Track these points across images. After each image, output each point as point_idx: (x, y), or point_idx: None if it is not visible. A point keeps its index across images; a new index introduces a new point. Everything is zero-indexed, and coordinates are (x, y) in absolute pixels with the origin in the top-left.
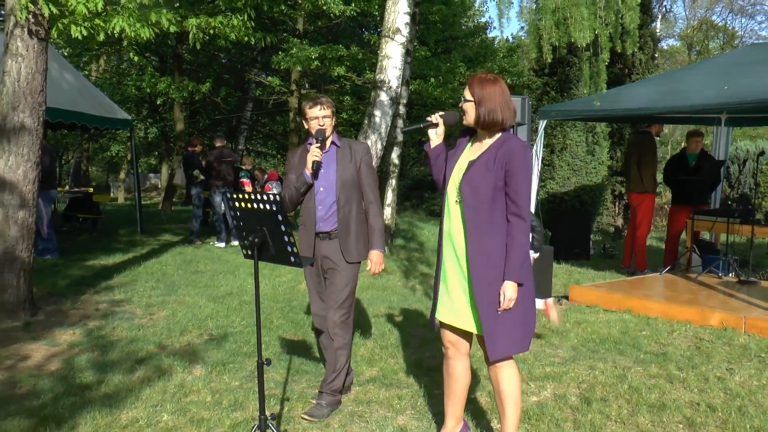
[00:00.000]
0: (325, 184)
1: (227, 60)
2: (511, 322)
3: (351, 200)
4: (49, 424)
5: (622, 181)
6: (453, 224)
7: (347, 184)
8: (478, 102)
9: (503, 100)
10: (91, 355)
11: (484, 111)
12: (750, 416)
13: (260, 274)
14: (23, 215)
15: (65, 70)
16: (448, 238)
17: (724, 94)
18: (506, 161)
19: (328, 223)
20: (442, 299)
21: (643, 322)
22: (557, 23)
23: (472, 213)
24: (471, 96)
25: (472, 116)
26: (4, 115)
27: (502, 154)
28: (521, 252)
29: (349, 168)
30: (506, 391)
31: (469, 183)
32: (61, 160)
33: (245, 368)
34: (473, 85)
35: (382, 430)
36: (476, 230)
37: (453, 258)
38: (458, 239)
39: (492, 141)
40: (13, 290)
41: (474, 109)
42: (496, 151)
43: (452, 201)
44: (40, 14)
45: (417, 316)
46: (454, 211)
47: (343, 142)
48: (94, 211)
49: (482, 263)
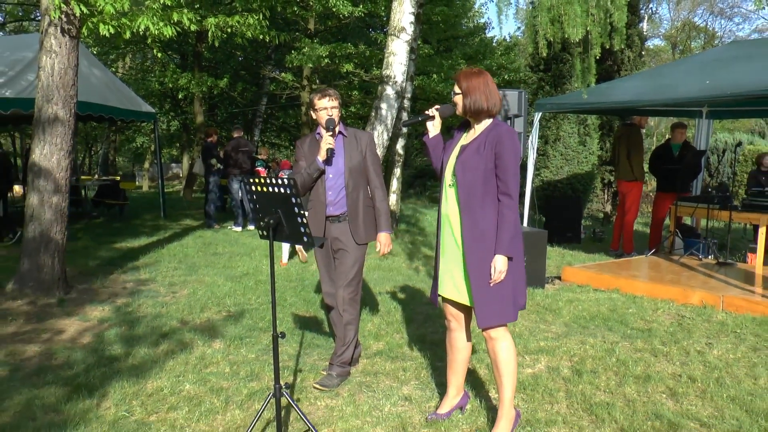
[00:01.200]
0: (334, 171)
1: (243, 57)
2: (500, 293)
3: (359, 186)
4: (81, 392)
5: (611, 170)
6: (449, 206)
7: (355, 171)
8: (464, 93)
9: (487, 90)
10: (119, 330)
11: (470, 101)
12: (727, 386)
13: (274, 255)
14: (57, 200)
15: (94, 67)
16: (445, 219)
17: (705, 88)
18: (495, 144)
19: (337, 207)
20: (443, 276)
21: (630, 301)
22: (552, 20)
23: (465, 193)
24: (459, 89)
25: (461, 107)
26: (40, 107)
27: (491, 138)
28: (510, 228)
29: (356, 156)
30: (502, 362)
31: (462, 166)
32: (91, 150)
33: (261, 342)
34: (460, 79)
35: (388, 399)
36: (469, 209)
37: (450, 237)
38: (454, 219)
39: (482, 128)
40: (49, 270)
41: (461, 100)
42: (486, 136)
43: (447, 185)
44: (71, 14)
45: (420, 294)
46: (449, 194)
47: (349, 131)
48: (121, 197)
49: (475, 239)
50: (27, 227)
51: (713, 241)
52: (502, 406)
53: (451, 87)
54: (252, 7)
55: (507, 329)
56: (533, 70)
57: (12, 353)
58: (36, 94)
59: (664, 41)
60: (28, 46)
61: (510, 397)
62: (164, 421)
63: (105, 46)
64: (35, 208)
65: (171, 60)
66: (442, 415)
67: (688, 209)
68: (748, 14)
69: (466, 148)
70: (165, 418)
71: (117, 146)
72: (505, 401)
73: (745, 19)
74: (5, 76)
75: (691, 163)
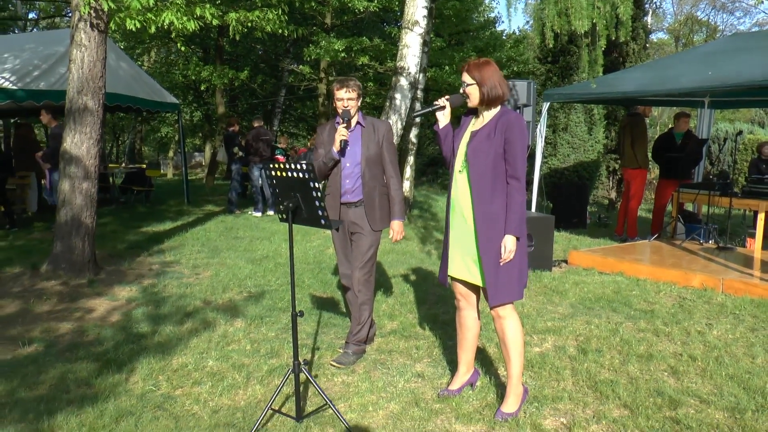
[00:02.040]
0: (351, 161)
1: (263, 50)
2: (509, 273)
3: (375, 175)
4: (111, 367)
5: (616, 158)
6: (459, 191)
7: (371, 161)
8: (480, 83)
9: (499, 77)
10: (146, 309)
11: (487, 89)
12: (726, 365)
13: (293, 238)
14: (87, 186)
15: (121, 60)
16: (455, 203)
17: (708, 78)
18: (506, 130)
19: (353, 195)
20: (453, 258)
21: (634, 283)
22: (559, 12)
23: (476, 177)
24: (472, 79)
25: (476, 97)
26: (71, 98)
27: (501, 125)
28: (519, 209)
29: (372, 146)
30: (510, 340)
31: (473, 151)
32: (118, 140)
33: (280, 321)
34: (471, 70)
35: (402, 375)
36: (480, 192)
37: (461, 220)
38: (464, 203)
39: (492, 114)
40: (80, 252)
41: (477, 90)
42: (496, 123)
43: (457, 170)
44: (100, 9)
45: (432, 276)
46: (459, 179)
47: (368, 121)
48: (147, 184)
49: (485, 222)
50: (59, 212)
51: (714, 227)
52: (511, 382)
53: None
54: (271, 3)
55: (514, 308)
56: (542, 62)
57: (47, 330)
58: (67, 85)
59: (667, 35)
60: (60, 41)
61: (518, 374)
62: (189, 395)
63: (131, 41)
64: (67, 193)
65: (194, 53)
66: (453, 391)
67: (689, 196)
68: (749, 8)
69: (477, 135)
70: (189, 392)
71: (143, 136)
72: (513, 377)
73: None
74: (39, 69)
75: (693, 152)
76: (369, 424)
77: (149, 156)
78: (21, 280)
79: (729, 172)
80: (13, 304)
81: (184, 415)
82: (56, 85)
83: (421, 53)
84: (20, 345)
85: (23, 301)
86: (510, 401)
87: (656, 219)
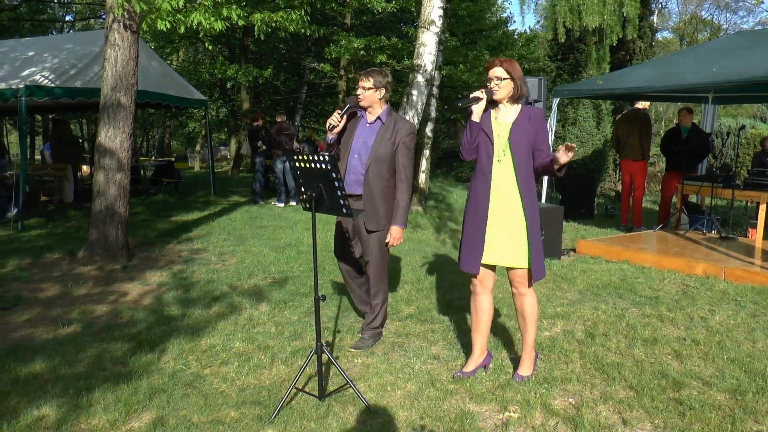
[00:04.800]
0: (359, 153)
1: (286, 49)
2: (540, 253)
3: (379, 174)
4: (144, 347)
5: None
6: (501, 180)
7: (379, 158)
8: (514, 78)
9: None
10: (176, 293)
11: (520, 84)
12: (727, 349)
13: (316, 226)
14: (120, 177)
15: (152, 59)
16: (496, 192)
17: (712, 74)
18: (538, 122)
19: (351, 187)
20: (491, 245)
21: (639, 271)
22: (571, 9)
23: (521, 165)
24: (506, 74)
25: (508, 90)
26: (105, 94)
27: (533, 118)
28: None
29: (385, 144)
30: (529, 314)
31: (515, 142)
32: (148, 135)
33: (303, 306)
34: (505, 65)
35: (419, 357)
36: (524, 179)
37: (503, 208)
38: (508, 190)
39: (516, 109)
40: (114, 239)
41: (510, 84)
42: (527, 116)
43: (495, 160)
44: (132, 11)
45: (447, 264)
46: (498, 169)
47: (390, 119)
48: (175, 176)
49: (531, 207)
50: (94, 201)
51: (716, 217)
52: (526, 348)
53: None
54: (294, 4)
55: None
56: (552, 60)
57: (84, 312)
58: (102, 83)
59: (672, 33)
60: (94, 41)
61: (532, 342)
62: (217, 374)
63: (161, 41)
64: (101, 184)
65: (220, 52)
66: (467, 373)
67: (694, 188)
68: (753, 8)
69: (515, 127)
70: (218, 372)
71: (171, 131)
72: (528, 344)
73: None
74: (75, 68)
75: (698, 145)
76: (387, 403)
77: (177, 150)
78: (60, 265)
79: (731, 165)
80: (54, 288)
81: (213, 392)
82: (91, 83)
83: (436, 51)
84: (60, 325)
85: (62, 285)
86: (525, 365)
87: (662, 210)
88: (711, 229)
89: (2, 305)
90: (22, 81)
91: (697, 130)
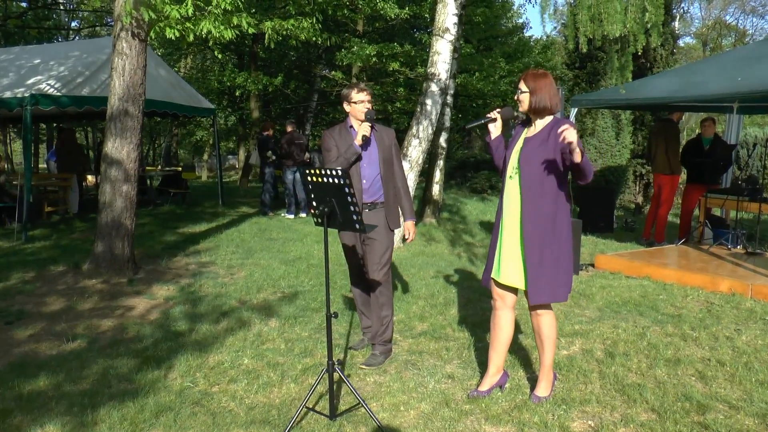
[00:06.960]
0: (368, 160)
1: (296, 57)
2: (552, 275)
3: (390, 176)
4: (150, 363)
5: (643, 163)
6: (510, 196)
7: (387, 162)
8: (531, 92)
9: (551, 90)
10: (184, 308)
11: (536, 99)
12: (755, 371)
13: (328, 241)
14: (127, 188)
15: (160, 67)
16: (507, 208)
17: (737, 84)
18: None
19: (371, 194)
20: (503, 262)
21: (661, 288)
22: (592, 18)
23: (527, 182)
24: (526, 87)
25: (526, 104)
26: (112, 104)
27: (555, 132)
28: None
29: (386, 148)
30: (546, 334)
31: (526, 157)
32: (154, 143)
33: (313, 321)
34: (527, 79)
35: (433, 376)
36: (530, 195)
37: (510, 224)
38: (514, 207)
39: (543, 123)
40: (120, 252)
41: (528, 98)
42: (550, 130)
43: (508, 176)
44: (141, 19)
45: (462, 279)
46: (510, 185)
47: (378, 126)
48: (183, 186)
49: (533, 224)
50: (101, 213)
51: (742, 232)
52: (543, 369)
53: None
54: (305, 11)
55: (551, 308)
56: (569, 68)
57: (89, 327)
58: (109, 92)
59: (695, 39)
60: (101, 49)
61: (550, 362)
62: (225, 392)
63: (169, 48)
64: (108, 196)
65: (229, 60)
66: (483, 392)
67: (718, 201)
68: None
69: (530, 141)
70: (226, 389)
71: (179, 139)
72: (546, 365)
73: None
74: (82, 77)
75: (721, 157)
76: (400, 423)
77: (185, 159)
78: (65, 279)
79: (758, 177)
80: (58, 302)
81: (221, 411)
82: (98, 92)
83: (451, 60)
84: (65, 341)
85: (67, 299)
86: (542, 385)
87: (683, 223)
88: (736, 244)
89: (5, 319)
90: (27, 89)
91: (720, 140)
